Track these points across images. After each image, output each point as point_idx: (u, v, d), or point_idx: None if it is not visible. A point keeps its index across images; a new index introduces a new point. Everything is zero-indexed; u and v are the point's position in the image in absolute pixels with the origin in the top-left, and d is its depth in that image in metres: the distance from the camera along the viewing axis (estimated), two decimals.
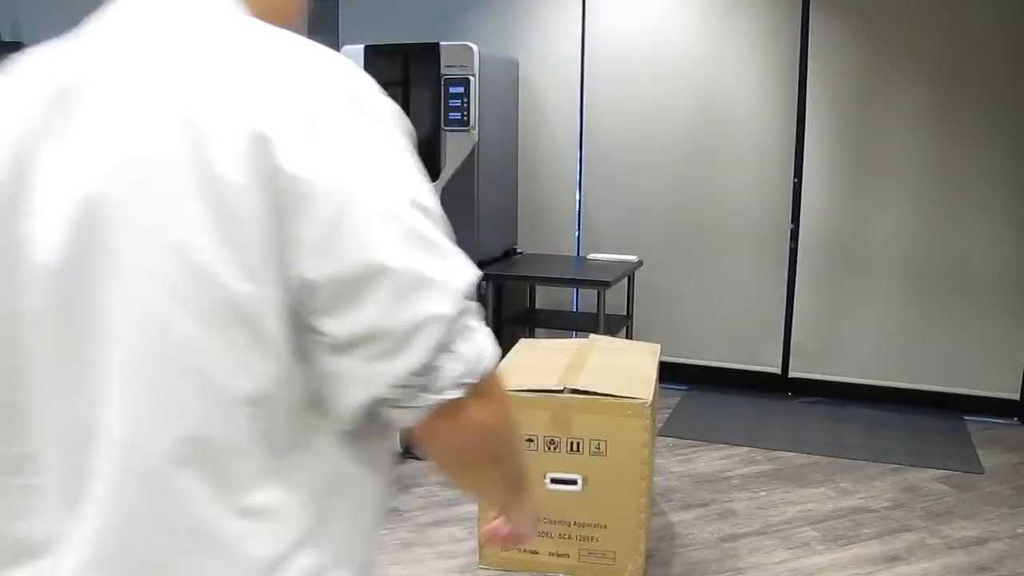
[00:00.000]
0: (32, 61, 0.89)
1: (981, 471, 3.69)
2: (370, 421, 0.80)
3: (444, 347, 0.76)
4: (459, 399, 0.78)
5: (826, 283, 4.47)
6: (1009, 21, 4.07)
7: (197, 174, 0.72)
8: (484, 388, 0.80)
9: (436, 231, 0.79)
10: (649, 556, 2.85)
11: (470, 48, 4.04)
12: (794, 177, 4.46)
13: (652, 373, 2.93)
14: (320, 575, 0.80)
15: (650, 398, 2.69)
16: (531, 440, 2.74)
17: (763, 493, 3.44)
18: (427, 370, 0.76)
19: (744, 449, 3.91)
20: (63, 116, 0.79)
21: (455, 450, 0.87)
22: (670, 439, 4.01)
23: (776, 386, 4.46)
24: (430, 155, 4.20)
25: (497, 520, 1.08)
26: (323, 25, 5.29)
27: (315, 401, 0.78)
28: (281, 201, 0.72)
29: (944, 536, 3.10)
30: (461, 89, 4.04)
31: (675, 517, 3.26)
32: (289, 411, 0.77)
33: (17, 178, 0.78)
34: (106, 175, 0.75)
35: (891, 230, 4.38)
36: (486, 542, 1.38)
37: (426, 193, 0.81)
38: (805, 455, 3.80)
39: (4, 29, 4.62)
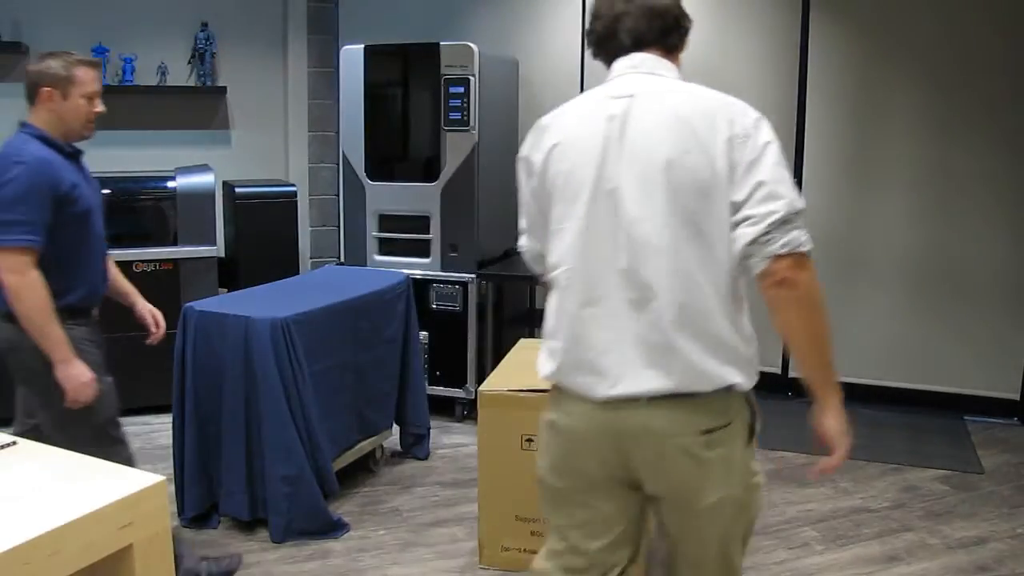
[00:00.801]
0: (582, 106, 1.73)
1: (981, 471, 3.69)
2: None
3: (784, 222, 1.52)
4: (791, 256, 1.52)
5: (826, 283, 4.40)
6: (1008, 21, 4.07)
7: (701, 144, 1.55)
8: (806, 262, 1.54)
9: (789, 180, 1.58)
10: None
11: (470, 48, 4.04)
12: (794, 177, 4.44)
13: None
14: (747, 387, 1.64)
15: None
16: (531, 440, 2.74)
17: (763, 493, 3.43)
18: (768, 235, 1.51)
19: None
20: (621, 130, 1.61)
21: (791, 288, 1.53)
22: None
23: (776, 386, 4.45)
24: (430, 155, 4.20)
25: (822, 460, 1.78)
26: (323, 25, 5.29)
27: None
28: (733, 148, 1.55)
29: (944, 536, 3.10)
30: (461, 89, 4.04)
31: None
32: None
33: (601, 163, 1.61)
34: (667, 149, 1.56)
35: (891, 230, 4.37)
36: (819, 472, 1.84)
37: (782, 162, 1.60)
38: (805, 455, 3.80)
39: (4, 29, 4.62)
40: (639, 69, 1.69)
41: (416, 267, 4.20)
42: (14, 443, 1.79)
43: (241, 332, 3.01)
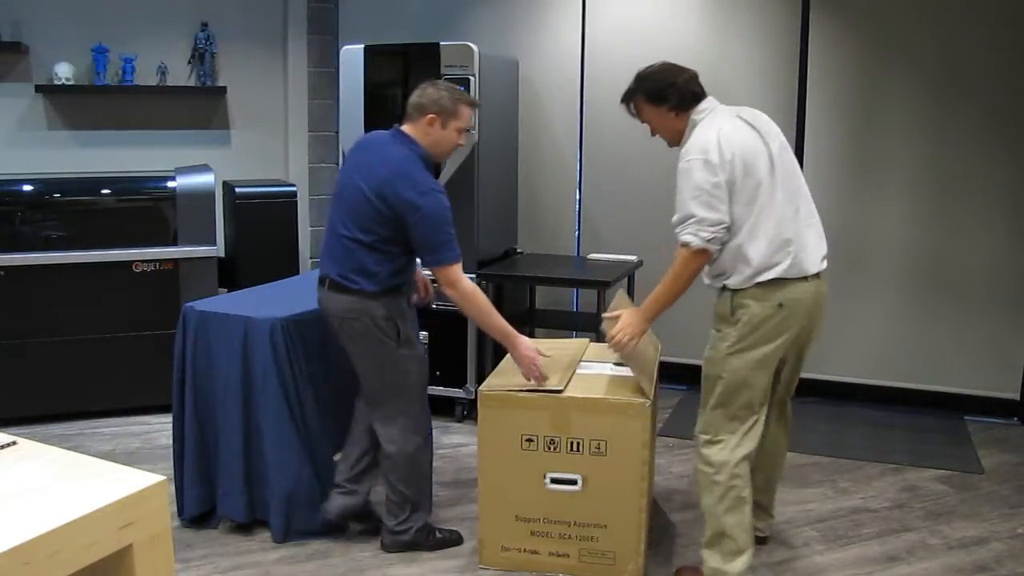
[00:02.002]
0: (733, 133, 2.58)
1: (981, 471, 3.69)
2: None
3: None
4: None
5: (826, 282, 4.45)
6: (1008, 21, 4.07)
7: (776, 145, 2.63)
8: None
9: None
10: (649, 556, 2.85)
11: (470, 48, 4.04)
12: None
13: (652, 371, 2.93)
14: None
15: (650, 398, 2.69)
16: (531, 440, 2.74)
17: None
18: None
19: None
20: (766, 130, 2.63)
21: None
22: (670, 439, 4.01)
23: None
24: None
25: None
26: (323, 25, 5.29)
27: None
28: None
29: (944, 536, 3.10)
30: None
31: (675, 517, 3.26)
32: None
33: (760, 151, 2.58)
34: (778, 145, 2.63)
35: (891, 230, 4.38)
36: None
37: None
38: (805, 455, 3.81)
39: (4, 29, 4.62)
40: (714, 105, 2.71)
41: None
42: (14, 443, 1.79)
43: (241, 332, 3.01)
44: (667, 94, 2.65)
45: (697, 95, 2.66)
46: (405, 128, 2.76)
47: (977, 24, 4.12)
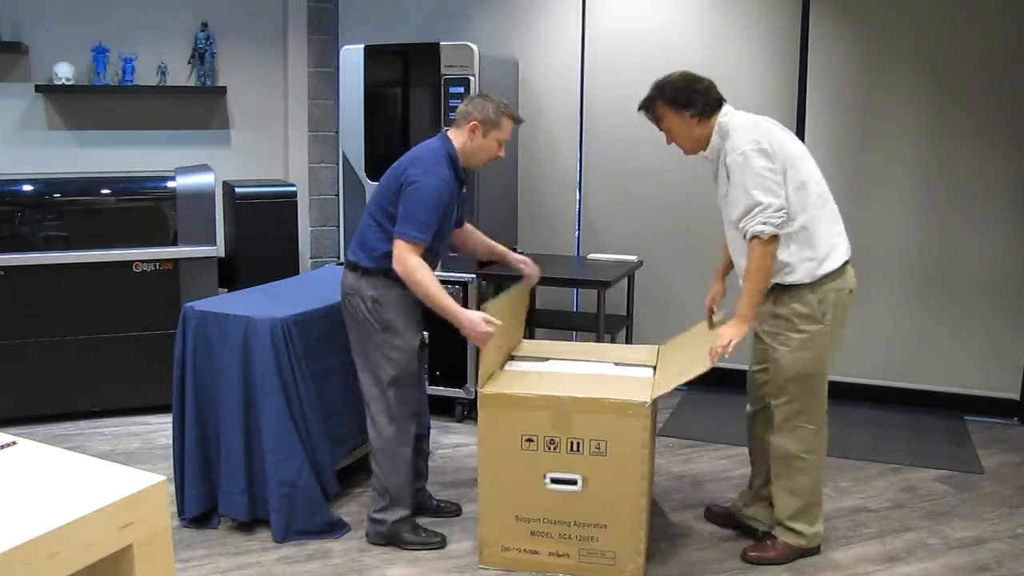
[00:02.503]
0: (770, 128, 2.73)
1: (981, 471, 3.69)
2: None
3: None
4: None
5: None
6: (1008, 21, 4.07)
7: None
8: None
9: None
10: (649, 556, 2.85)
11: (470, 48, 4.04)
12: None
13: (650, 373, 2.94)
14: None
15: (650, 398, 2.69)
16: (531, 440, 2.74)
17: None
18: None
19: (744, 449, 3.89)
20: (791, 135, 2.78)
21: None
22: (670, 439, 4.01)
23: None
24: None
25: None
26: (323, 25, 5.29)
27: None
28: None
29: (944, 536, 3.10)
30: (461, 89, 4.03)
31: (675, 517, 3.26)
32: None
33: (792, 138, 2.78)
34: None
35: (891, 230, 4.37)
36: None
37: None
38: None
39: (4, 29, 4.62)
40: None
41: None
42: (14, 443, 1.79)
43: (241, 332, 3.01)
44: (692, 99, 2.72)
45: (720, 101, 2.76)
46: (450, 132, 2.92)
47: (977, 24, 4.12)
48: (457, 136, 2.89)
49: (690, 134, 2.78)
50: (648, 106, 2.83)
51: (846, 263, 2.77)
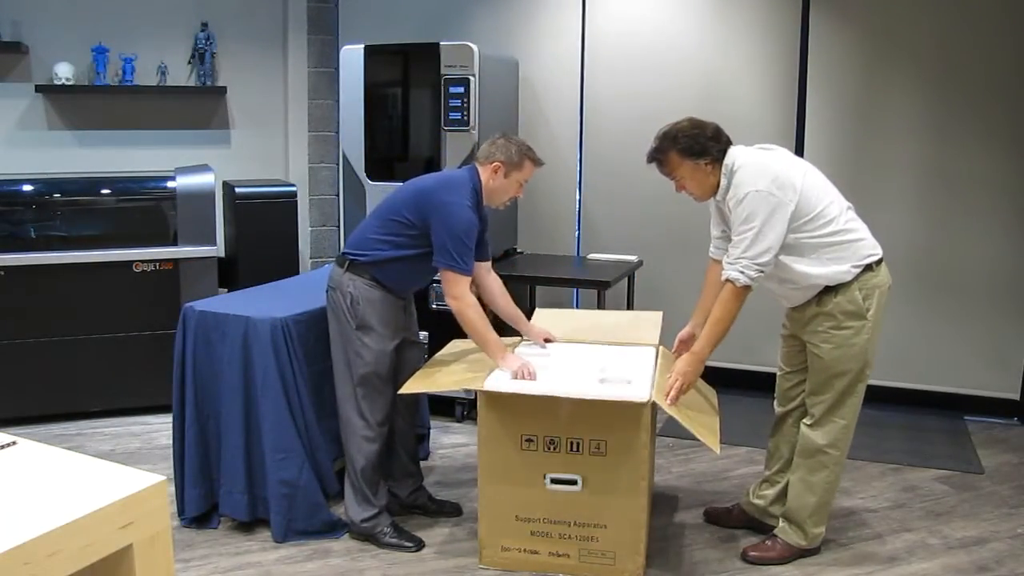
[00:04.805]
0: (781, 156, 2.77)
1: (981, 471, 3.69)
2: None
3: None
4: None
5: None
6: (1009, 20, 4.07)
7: None
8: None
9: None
10: (649, 556, 2.85)
11: (470, 48, 4.04)
12: None
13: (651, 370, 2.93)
14: None
15: (650, 398, 2.69)
16: (531, 440, 2.74)
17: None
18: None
19: (744, 449, 3.91)
20: (792, 159, 2.77)
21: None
22: (670, 439, 4.01)
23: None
24: (430, 155, 4.20)
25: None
26: (323, 25, 5.29)
27: None
28: None
29: (944, 536, 3.10)
30: (461, 89, 4.03)
31: (675, 517, 3.26)
32: None
33: (812, 184, 2.72)
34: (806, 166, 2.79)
35: (891, 230, 4.35)
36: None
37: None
38: None
39: (4, 29, 4.62)
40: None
41: None
42: (14, 443, 1.79)
43: (241, 332, 3.01)
44: (708, 147, 2.70)
45: (729, 143, 2.75)
46: (477, 164, 2.95)
47: (977, 23, 4.12)
48: (483, 172, 2.91)
49: (705, 182, 2.75)
50: (659, 158, 2.77)
51: (881, 259, 2.77)
